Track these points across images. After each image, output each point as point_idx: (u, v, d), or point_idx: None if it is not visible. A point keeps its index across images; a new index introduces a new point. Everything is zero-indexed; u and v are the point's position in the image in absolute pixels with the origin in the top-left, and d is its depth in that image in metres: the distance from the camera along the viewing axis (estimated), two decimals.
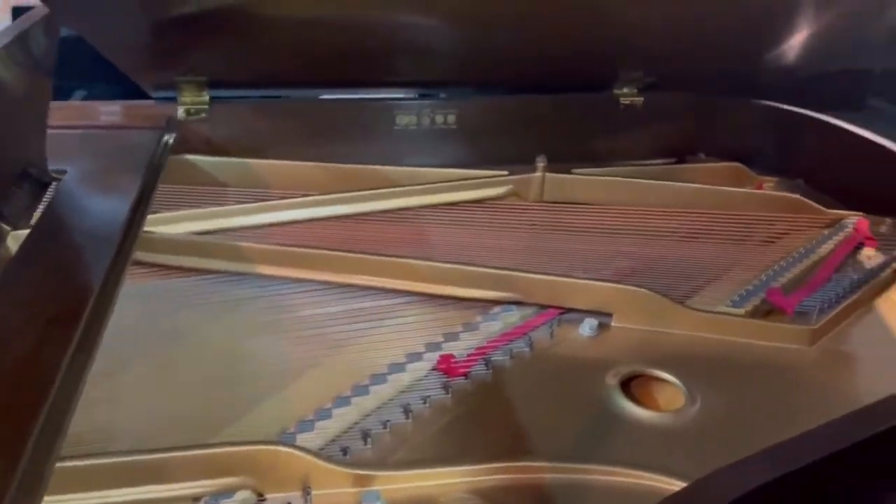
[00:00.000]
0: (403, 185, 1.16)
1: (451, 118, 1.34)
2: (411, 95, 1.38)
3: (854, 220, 1.13)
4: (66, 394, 0.59)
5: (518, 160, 1.23)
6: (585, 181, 1.21)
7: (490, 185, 1.18)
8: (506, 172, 1.20)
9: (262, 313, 0.93)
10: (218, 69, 1.25)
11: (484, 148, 1.33)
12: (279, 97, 1.36)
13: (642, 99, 1.40)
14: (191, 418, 0.75)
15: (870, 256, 1.07)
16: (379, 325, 0.91)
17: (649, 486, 0.67)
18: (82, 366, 0.63)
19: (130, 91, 1.28)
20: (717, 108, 1.42)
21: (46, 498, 0.48)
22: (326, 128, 1.32)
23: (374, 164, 1.22)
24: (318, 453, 0.68)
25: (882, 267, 1.03)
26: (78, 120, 1.26)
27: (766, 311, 0.94)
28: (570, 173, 1.22)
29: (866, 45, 1.46)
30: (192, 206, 1.10)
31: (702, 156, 1.43)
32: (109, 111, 1.31)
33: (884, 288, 1.01)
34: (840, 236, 1.10)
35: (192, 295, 0.96)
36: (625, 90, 1.40)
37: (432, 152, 1.32)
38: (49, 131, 1.11)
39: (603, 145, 1.41)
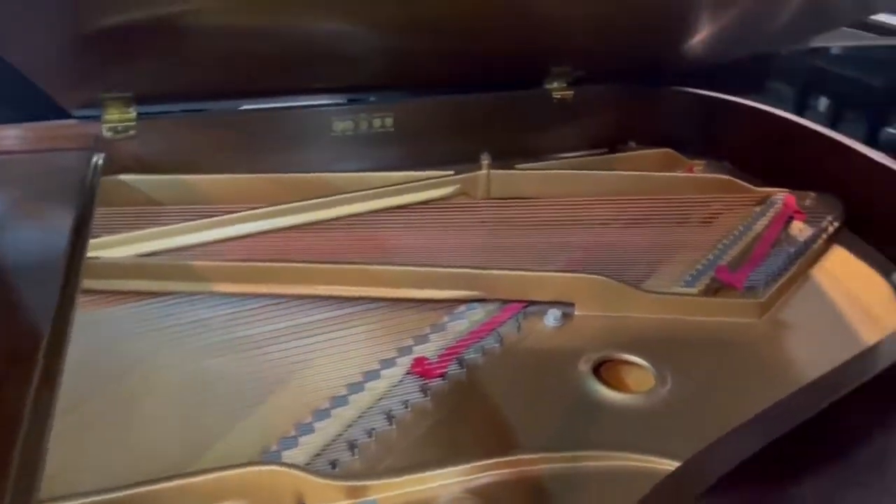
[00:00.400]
0: (350, 191, 1.15)
1: (389, 121, 1.34)
2: (344, 101, 1.37)
3: (782, 196, 1.20)
4: (36, 433, 0.56)
5: (458, 159, 1.24)
6: (529, 176, 1.23)
7: (438, 185, 1.18)
8: (452, 172, 1.20)
9: (221, 333, 0.90)
10: (143, 84, 1.20)
11: (424, 149, 1.33)
12: (209, 110, 1.32)
13: (573, 92, 1.43)
14: (164, 449, 0.72)
15: (801, 229, 1.13)
16: (345, 333, 0.90)
17: (639, 466, 0.69)
18: (48, 402, 0.60)
19: (33, 112, 1.21)
20: (643, 98, 1.47)
21: None
22: (262, 138, 1.29)
23: (315, 171, 1.20)
24: (309, 469, 0.67)
25: (814, 238, 1.09)
26: None
27: (716, 288, 0.99)
28: (514, 169, 1.24)
29: (769, 31, 1.54)
30: (130, 228, 1.05)
31: (632, 144, 1.47)
32: (18, 135, 1.24)
33: (817, 258, 1.07)
34: (771, 212, 1.16)
35: (146, 320, 0.92)
36: (555, 85, 1.43)
37: (373, 156, 1.31)
38: None
39: (538, 140, 1.43)
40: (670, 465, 0.67)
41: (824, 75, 2.87)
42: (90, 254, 0.92)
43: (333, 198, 1.13)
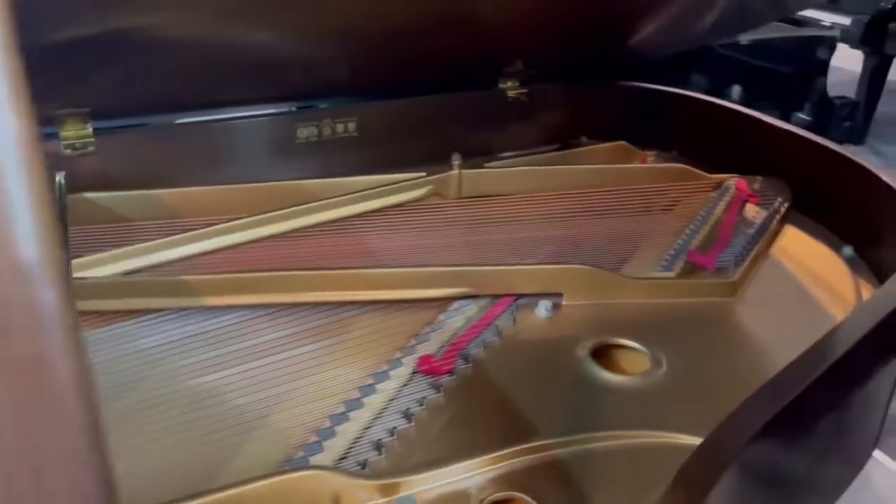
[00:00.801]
0: (325, 198, 1.15)
1: (352, 126, 1.35)
2: (307, 107, 1.37)
3: (734, 182, 1.27)
4: None
5: (422, 161, 1.27)
6: (498, 174, 1.26)
7: (411, 187, 1.20)
8: (423, 174, 1.22)
9: (217, 346, 0.90)
10: (100, 99, 1.17)
11: (387, 151, 1.34)
12: (170, 123, 1.29)
13: (526, 91, 1.48)
14: (179, 468, 0.71)
15: (756, 212, 1.20)
16: (345, 338, 0.91)
17: (654, 442, 0.73)
18: None
19: None
20: (592, 93, 1.53)
21: None
22: (226, 149, 1.28)
23: (281, 180, 1.20)
24: (344, 470, 0.68)
25: (769, 219, 1.17)
26: None
27: (690, 270, 1.04)
28: (483, 168, 1.27)
29: (703, 28, 1.63)
30: (101, 246, 1.02)
31: (584, 139, 1.53)
32: None
33: (774, 237, 1.15)
34: (727, 197, 1.23)
35: (138, 339, 0.90)
36: (509, 84, 1.47)
37: (338, 161, 1.31)
38: None
39: (495, 138, 1.47)
40: (684, 438, 0.71)
41: (736, 65, 3.04)
42: (74, 275, 0.89)
43: (312, 205, 1.13)
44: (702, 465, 0.56)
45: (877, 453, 1.18)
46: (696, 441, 0.64)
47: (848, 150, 1.17)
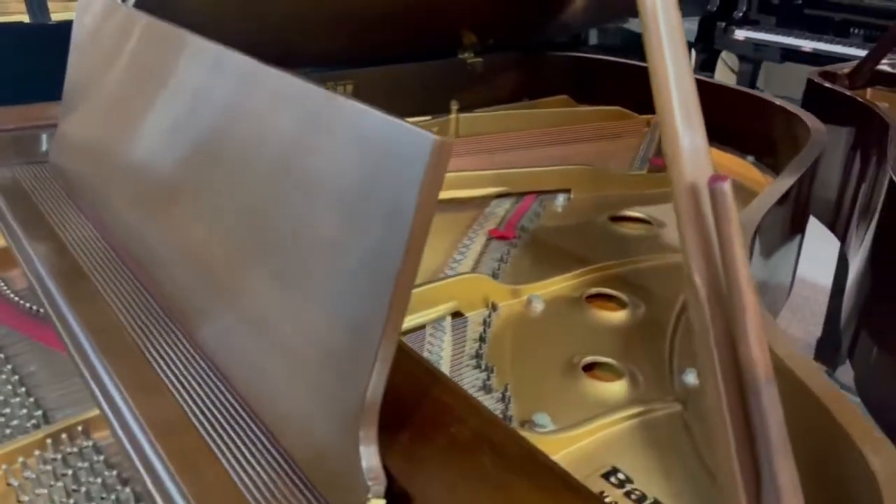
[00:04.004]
0: None
1: (350, 88, 1.58)
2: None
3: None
4: None
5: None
6: (487, 117, 1.56)
7: (423, 127, 1.45)
8: (429, 117, 1.49)
9: None
10: None
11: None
12: None
13: (481, 60, 1.78)
14: None
15: None
16: None
17: (674, 262, 1.05)
18: None
19: None
20: (535, 62, 1.86)
21: None
22: None
23: None
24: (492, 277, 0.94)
25: None
26: None
27: (655, 170, 1.38)
28: (473, 112, 1.56)
29: (612, 11, 2.03)
30: None
31: (525, 100, 1.85)
32: None
33: None
34: (659, 130, 1.60)
35: None
36: (467, 54, 1.77)
37: None
38: None
39: (459, 98, 1.76)
40: None
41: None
42: None
43: None
44: None
45: None
46: None
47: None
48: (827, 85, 1.71)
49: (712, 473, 0.65)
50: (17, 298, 0.92)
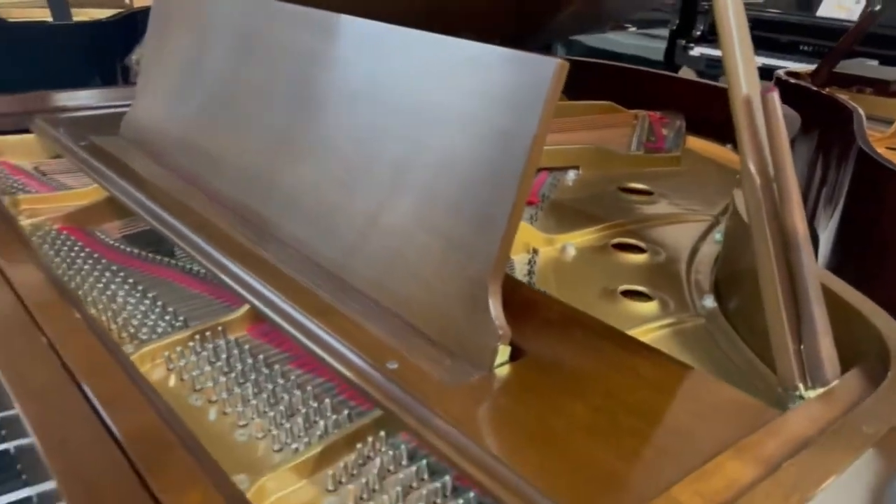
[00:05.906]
0: None
1: None
2: None
3: (646, 113, 1.83)
4: None
5: None
6: None
7: None
8: None
9: None
10: None
11: None
12: None
13: None
14: None
15: (669, 127, 1.76)
16: None
17: (688, 215, 1.22)
18: None
19: None
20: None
21: None
22: None
23: None
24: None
25: (679, 128, 1.73)
26: None
27: (651, 151, 1.56)
28: None
29: (596, 20, 2.22)
30: None
31: None
32: None
33: (685, 139, 1.71)
34: (648, 120, 1.78)
35: None
36: None
37: None
38: None
39: None
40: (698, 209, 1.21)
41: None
42: None
43: None
44: None
45: None
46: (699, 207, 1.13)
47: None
48: (793, 81, 1.92)
49: (732, 367, 0.81)
50: (118, 245, 1.04)
